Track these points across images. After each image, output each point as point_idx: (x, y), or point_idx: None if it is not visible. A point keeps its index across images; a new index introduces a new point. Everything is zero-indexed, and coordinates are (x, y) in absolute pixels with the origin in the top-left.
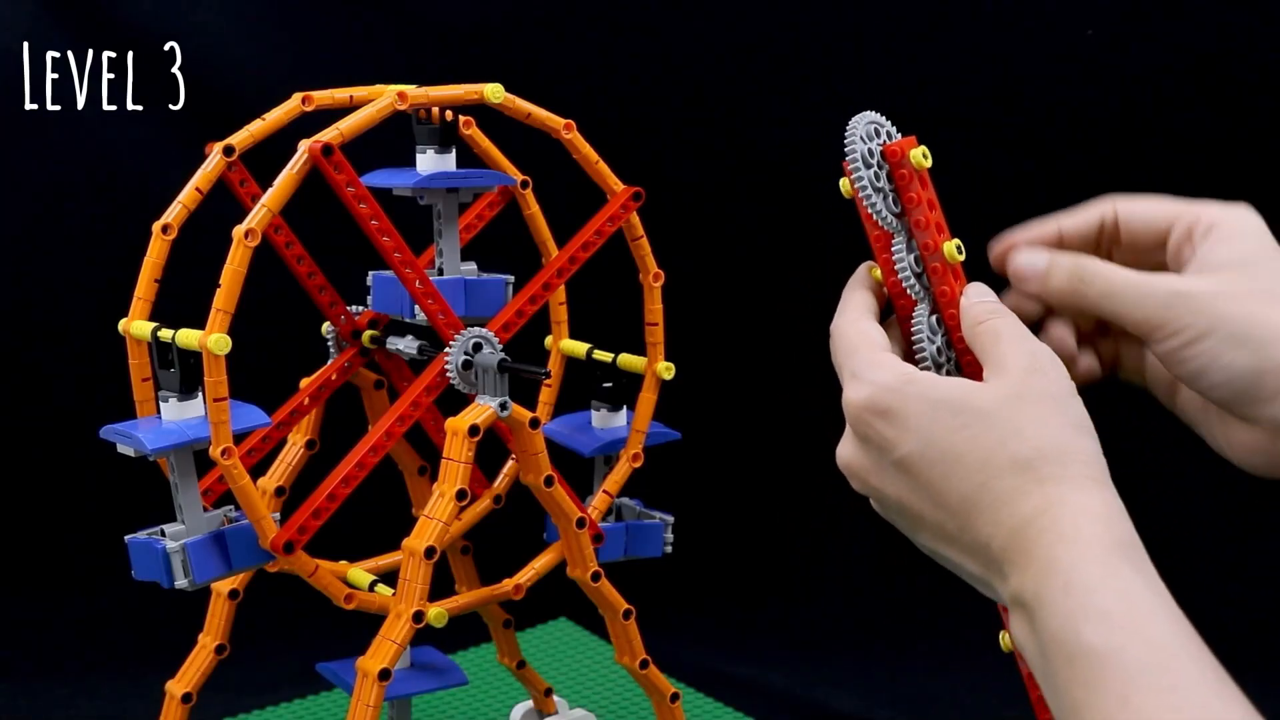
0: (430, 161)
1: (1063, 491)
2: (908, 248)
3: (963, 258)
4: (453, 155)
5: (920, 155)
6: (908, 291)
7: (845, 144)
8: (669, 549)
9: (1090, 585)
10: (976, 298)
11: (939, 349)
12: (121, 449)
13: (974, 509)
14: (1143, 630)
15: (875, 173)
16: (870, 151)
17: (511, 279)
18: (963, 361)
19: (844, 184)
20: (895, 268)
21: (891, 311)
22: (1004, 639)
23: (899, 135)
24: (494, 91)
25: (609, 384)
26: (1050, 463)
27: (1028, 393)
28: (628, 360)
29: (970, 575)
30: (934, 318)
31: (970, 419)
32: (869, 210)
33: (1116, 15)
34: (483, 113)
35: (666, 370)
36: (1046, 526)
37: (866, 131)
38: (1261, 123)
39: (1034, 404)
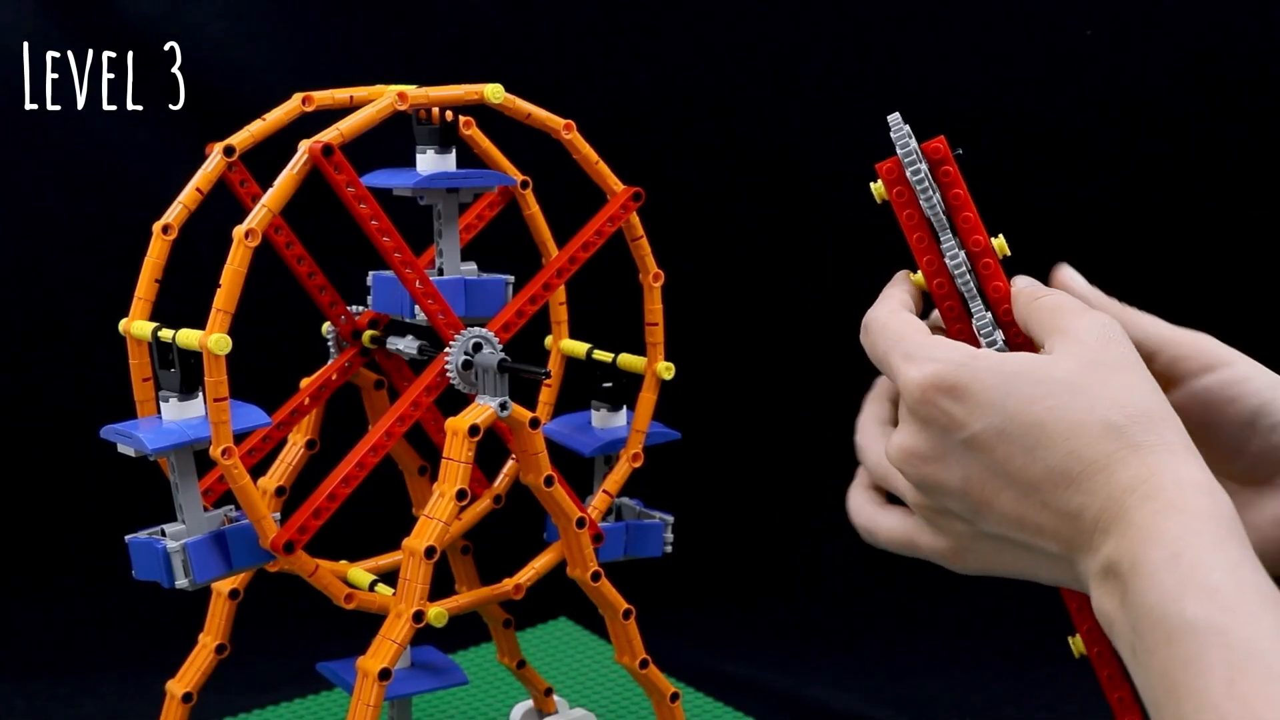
0: (430, 162)
1: (1162, 460)
2: (958, 245)
3: (1009, 252)
4: (453, 155)
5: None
6: (961, 290)
7: (896, 141)
8: (669, 549)
9: (1199, 559)
10: (1026, 283)
11: (1003, 344)
12: (122, 449)
13: (1062, 479)
14: (1253, 611)
15: (927, 168)
16: (917, 148)
17: (511, 279)
18: None
19: (877, 187)
20: (949, 266)
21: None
22: (1075, 643)
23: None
24: (494, 92)
25: (609, 384)
26: (1144, 429)
27: (1107, 360)
28: (628, 360)
29: (1045, 557)
30: (990, 314)
31: (1052, 388)
32: (924, 206)
33: (1116, 15)
34: (483, 113)
35: (666, 370)
36: (1150, 494)
37: (908, 130)
38: (1262, 123)
39: (1116, 370)
